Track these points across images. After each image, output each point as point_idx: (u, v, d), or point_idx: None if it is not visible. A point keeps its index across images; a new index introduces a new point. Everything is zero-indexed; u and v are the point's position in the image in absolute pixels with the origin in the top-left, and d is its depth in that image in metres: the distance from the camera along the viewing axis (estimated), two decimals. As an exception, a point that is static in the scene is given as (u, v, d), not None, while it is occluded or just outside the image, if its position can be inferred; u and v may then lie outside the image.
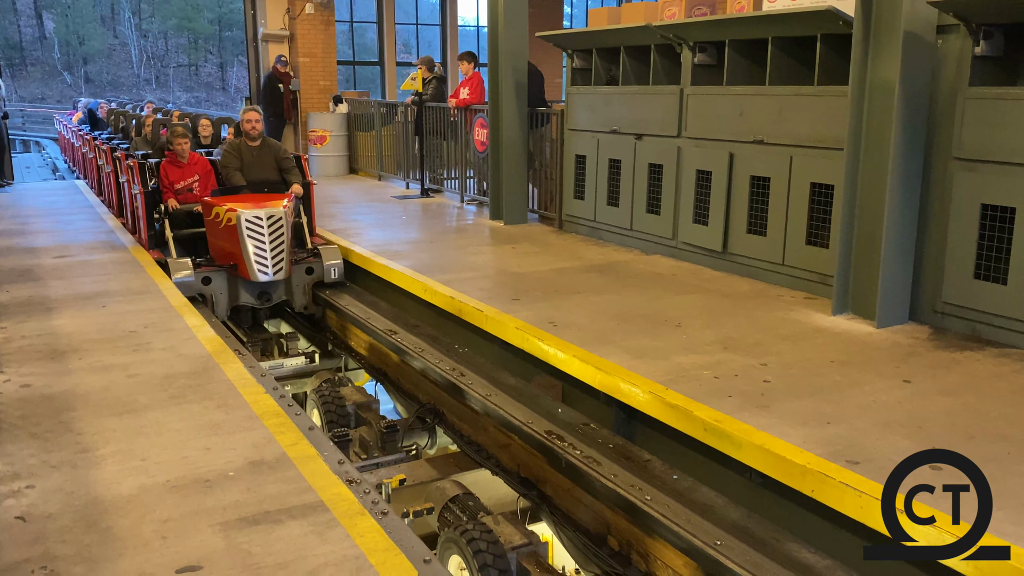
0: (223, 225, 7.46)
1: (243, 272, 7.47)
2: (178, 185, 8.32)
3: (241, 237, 7.31)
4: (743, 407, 4.30)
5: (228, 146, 8.58)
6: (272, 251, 7.41)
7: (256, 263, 7.37)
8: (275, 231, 7.42)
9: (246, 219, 7.30)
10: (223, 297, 7.71)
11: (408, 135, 12.71)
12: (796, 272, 6.60)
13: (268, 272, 7.44)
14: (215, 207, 7.57)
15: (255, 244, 7.34)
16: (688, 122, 7.55)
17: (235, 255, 7.45)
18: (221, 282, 7.67)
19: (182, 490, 3.56)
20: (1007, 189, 5.15)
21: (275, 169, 8.50)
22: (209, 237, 7.87)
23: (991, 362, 4.96)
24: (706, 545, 3.76)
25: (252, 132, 8.43)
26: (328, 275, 8.12)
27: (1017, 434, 3.97)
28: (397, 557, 3.08)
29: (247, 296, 7.82)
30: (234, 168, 8.30)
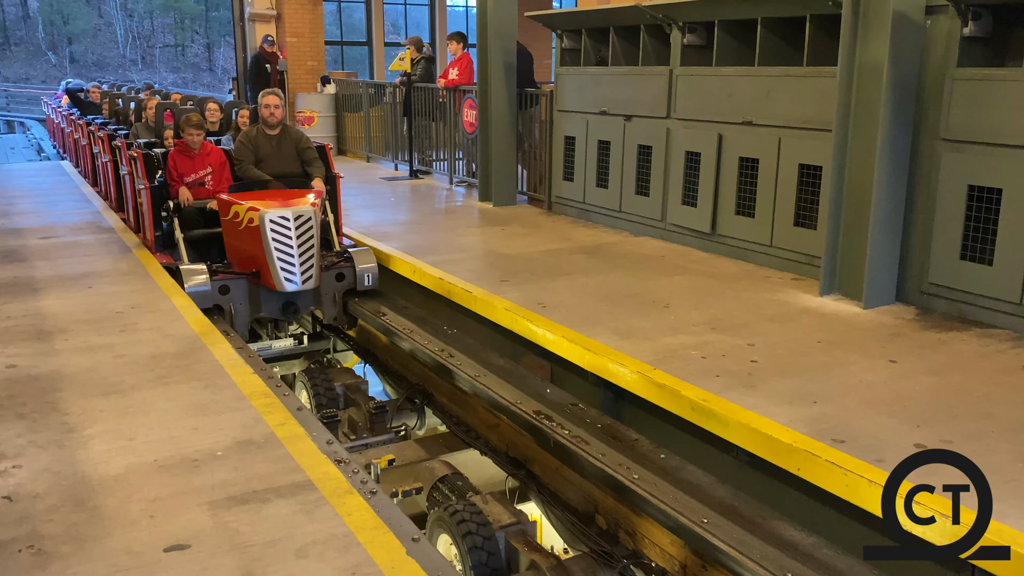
0: (243, 226, 6.48)
1: (267, 281, 6.45)
2: (188, 178, 7.33)
3: (265, 240, 6.30)
4: (730, 387, 4.32)
5: (243, 136, 7.50)
6: (301, 256, 6.36)
7: (282, 270, 6.33)
8: (303, 233, 6.37)
9: (270, 220, 6.27)
10: (243, 309, 6.69)
11: (396, 116, 12.65)
12: (784, 253, 6.62)
13: (296, 281, 6.39)
14: (234, 205, 6.57)
15: (281, 248, 6.33)
16: (677, 103, 7.54)
17: (257, 261, 6.45)
18: (241, 292, 6.65)
19: (170, 469, 3.56)
20: (993, 170, 5.17)
21: (296, 161, 7.52)
22: (226, 239, 6.83)
23: (976, 342, 5.00)
24: (693, 523, 3.79)
25: (271, 119, 7.38)
26: (361, 282, 7.03)
27: (1000, 413, 4.01)
28: (385, 535, 3.09)
29: (270, 308, 6.77)
30: (250, 161, 7.34)
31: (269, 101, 7.41)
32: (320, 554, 2.95)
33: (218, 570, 2.85)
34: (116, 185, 9.41)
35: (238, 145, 7.46)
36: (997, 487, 3.30)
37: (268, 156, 7.36)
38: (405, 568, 2.88)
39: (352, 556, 2.94)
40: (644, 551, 4.29)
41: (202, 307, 6.04)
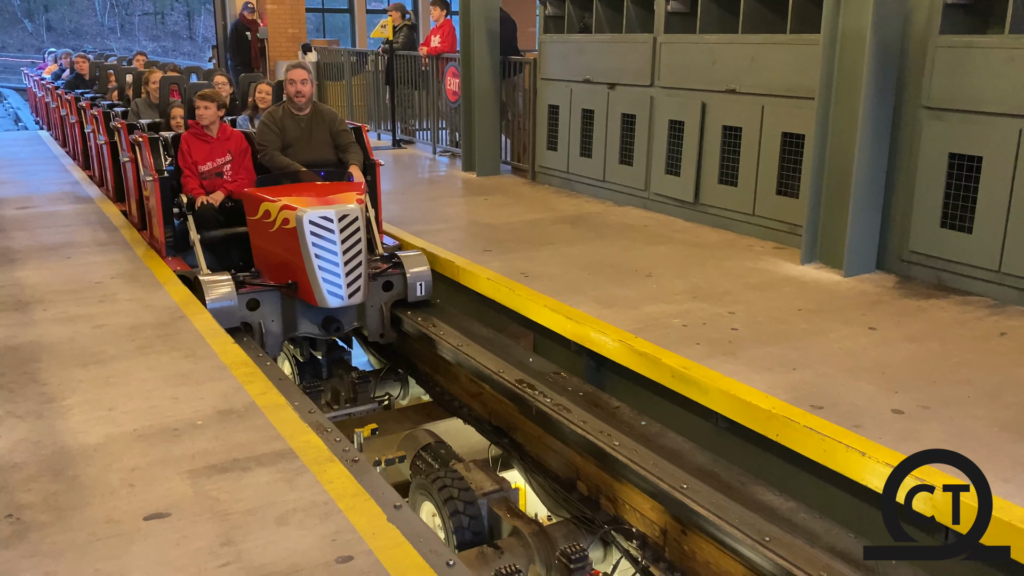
0: (276, 228, 5.39)
1: (305, 294, 5.39)
2: (204, 167, 6.17)
3: (304, 246, 5.20)
4: (710, 354, 4.34)
5: (267, 117, 6.31)
6: (346, 265, 5.30)
7: (324, 282, 5.26)
8: (349, 237, 5.29)
9: (310, 221, 5.17)
10: (275, 327, 5.64)
11: (379, 85, 12.52)
12: (766, 222, 6.63)
13: (341, 294, 5.31)
14: (264, 203, 5.48)
15: (323, 256, 5.24)
16: (661, 71, 7.49)
17: (294, 270, 5.37)
18: (273, 306, 5.61)
19: (150, 439, 3.54)
20: (974, 138, 5.18)
21: (329, 146, 6.39)
22: (255, 243, 5.76)
23: (955, 309, 5.04)
24: (673, 489, 3.82)
25: (298, 98, 6.22)
26: (413, 291, 6.00)
27: (978, 379, 4.05)
28: (367, 502, 3.10)
29: (308, 325, 5.77)
30: (276, 147, 6.20)
31: (295, 76, 6.24)
32: (301, 521, 2.96)
33: (198, 538, 2.85)
34: (114, 172, 8.29)
35: (262, 128, 6.30)
36: (974, 451, 3.35)
37: (296, 141, 6.24)
38: (386, 534, 2.89)
39: (333, 523, 2.95)
40: (625, 517, 4.32)
41: (227, 326, 5.07)
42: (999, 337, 4.60)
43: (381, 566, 2.71)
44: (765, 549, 3.39)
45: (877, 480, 3.28)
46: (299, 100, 6.23)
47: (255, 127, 6.83)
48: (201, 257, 5.83)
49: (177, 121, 7.14)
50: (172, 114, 7.25)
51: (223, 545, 2.82)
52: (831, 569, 3.24)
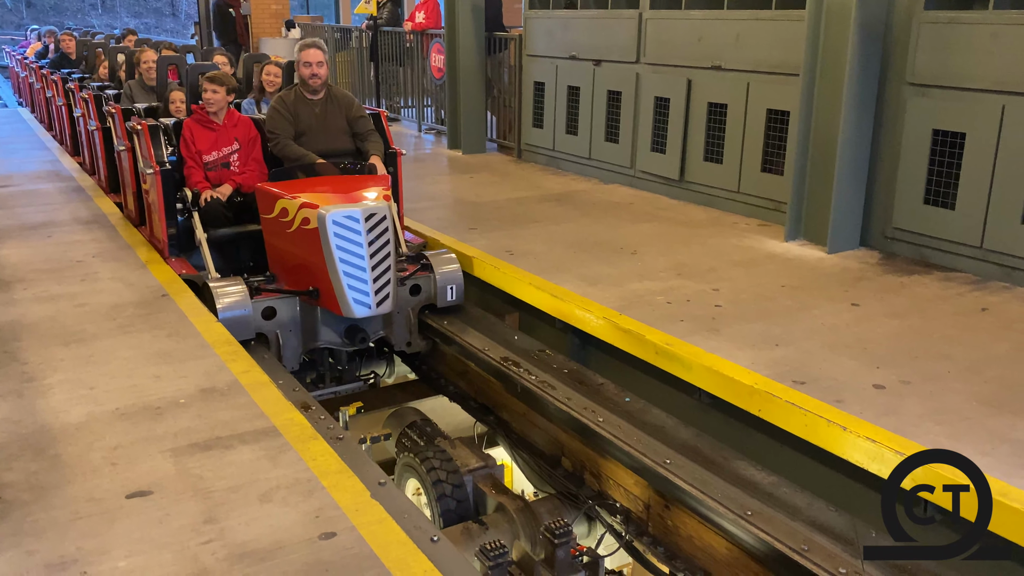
0: (295, 229, 4.86)
1: (328, 302, 4.87)
2: (209, 156, 5.58)
3: (327, 249, 4.67)
4: (694, 331, 4.36)
5: (278, 103, 5.70)
6: (374, 270, 4.77)
7: (350, 289, 4.73)
8: (377, 239, 4.76)
9: (334, 221, 4.64)
10: (294, 337, 5.11)
11: (363, 61, 12.42)
12: (751, 199, 6.63)
13: (369, 303, 4.79)
14: (280, 200, 4.94)
15: (348, 260, 4.71)
16: (647, 47, 7.46)
17: (315, 275, 4.85)
18: (291, 314, 5.08)
19: (132, 417, 3.53)
20: (958, 115, 5.18)
21: (346, 134, 5.83)
22: (269, 243, 5.20)
23: (937, 285, 5.06)
24: (656, 464, 3.84)
25: (312, 81, 5.66)
26: (443, 296, 5.47)
27: (958, 354, 4.08)
28: (350, 479, 3.10)
29: (330, 335, 5.24)
30: (288, 135, 5.64)
31: (310, 57, 5.63)
32: (284, 498, 2.96)
33: (180, 515, 2.85)
34: (107, 161, 7.57)
35: (272, 115, 5.69)
36: (954, 425, 3.40)
37: (310, 129, 5.69)
38: (369, 511, 2.90)
39: (316, 500, 2.95)
40: (609, 492, 4.35)
41: (241, 338, 4.57)
42: (980, 313, 4.63)
43: (364, 542, 2.72)
44: (747, 523, 3.41)
45: (858, 454, 3.31)
46: (314, 82, 5.65)
47: (261, 112, 6.35)
48: (209, 259, 5.28)
49: (177, 106, 6.48)
50: (171, 98, 6.57)
51: (206, 522, 2.81)
52: (812, 542, 3.27)
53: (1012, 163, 4.92)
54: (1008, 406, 3.56)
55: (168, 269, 5.47)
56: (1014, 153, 4.90)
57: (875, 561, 3.14)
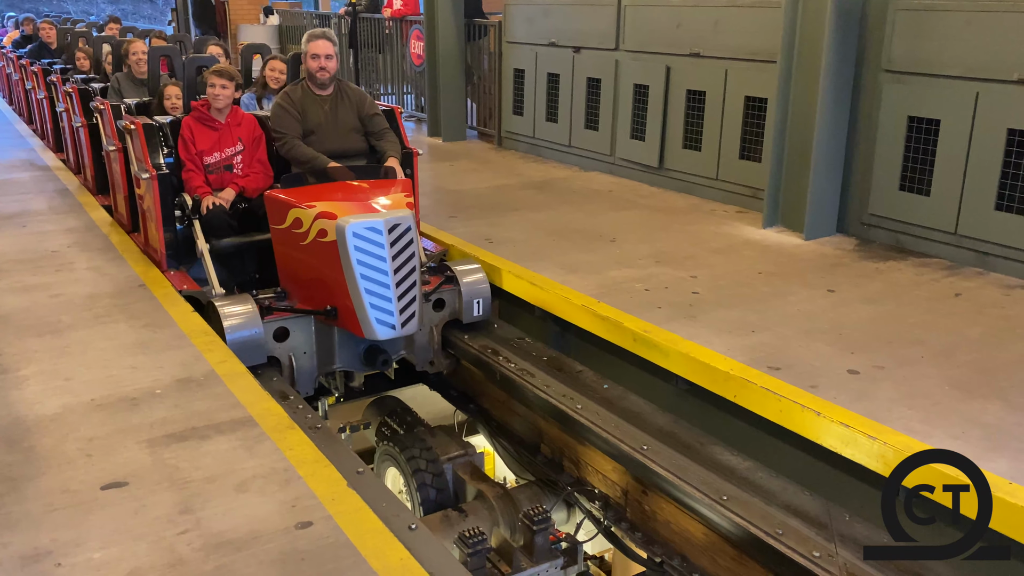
0: (310, 241, 4.39)
1: (348, 323, 4.45)
2: (210, 158, 5.13)
3: (347, 264, 4.23)
4: (672, 318, 4.38)
5: (284, 99, 5.20)
6: (399, 287, 4.32)
7: (372, 308, 4.28)
8: (401, 252, 4.32)
9: (355, 233, 4.19)
10: (308, 361, 4.71)
11: (342, 48, 12.32)
12: (730, 187, 6.66)
13: (393, 323, 4.34)
14: (292, 209, 4.46)
15: (371, 276, 4.26)
16: (626, 34, 7.45)
17: (332, 292, 4.41)
18: (305, 335, 4.66)
19: (107, 408, 3.51)
20: (933, 101, 5.22)
21: (358, 133, 5.35)
22: (281, 257, 4.73)
23: (912, 271, 5.11)
24: (633, 451, 3.87)
25: (321, 75, 5.18)
26: (469, 312, 5.05)
27: (932, 339, 4.13)
28: (327, 468, 3.10)
29: (348, 358, 4.82)
30: (296, 134, 5.15)
31: (318, 48, 5.16)
32: (260, 488, 2.96)
33: (156, 506, 2.84)
34: (94, 160, 7.04)
35: (278, 112, 5.19)
36: (926, 410, 3.44)
37: (320, 127, 5.22)
38: (346, 500, 2.90)
39: (293, 489, 2.95)
40: (587, 478, 4.38)
41: (250, 363, 4.19)
42: (954, 298, 4.68)
43: (340, 531, 2.72)
44: (723, 508, 3.45)
45: (832, 439, 3.35)
46: (322, 77, 5.18)
47: (263, 108, 5.93)
48: (212, 272, 4.83)
49: (172, 102, 5.86)
50: (166, 93, 5.92)
51: (182, 513, 2.81)
52: (786, 526, 3.32)
53: (985, 150, 4.96)
54: (979, 390, 3.61)
55: (144, 259, 5.42)
56: (987, 140, 4.95)
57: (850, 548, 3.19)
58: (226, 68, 5.16)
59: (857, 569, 3.09)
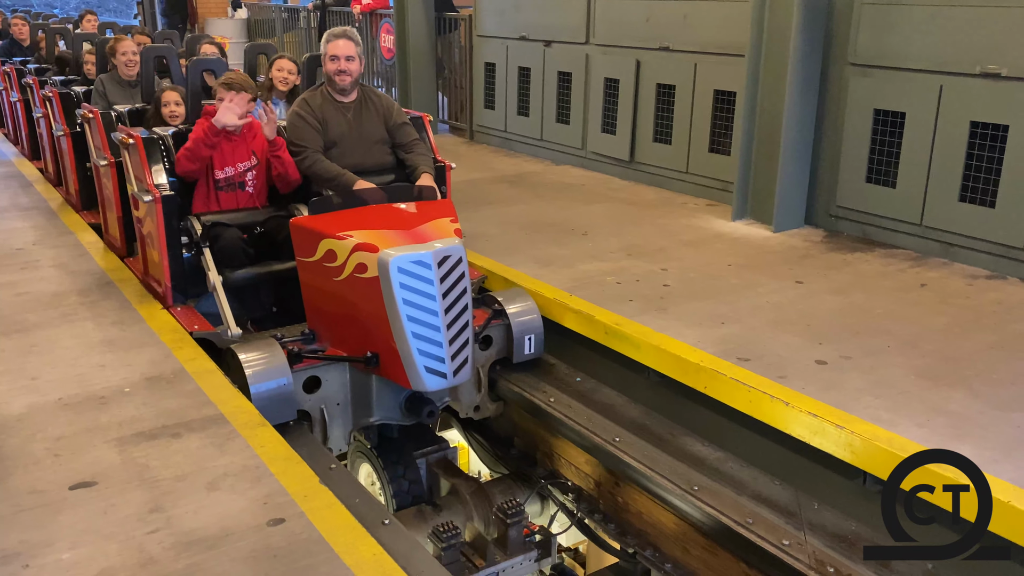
0: (345, 277, 3.81)
1: (391, 371, 3.85)
2: (220, 174, 4.54)
3: (391, 303, 3.66)
4: (643, 310, 4.40)
5: (302, 107, 4.63)
6: (451, 328, 3.76)
7: (422, 356, 3.71)
8: (453, 287, 3.77)
9: (400, 268, 3.63)
10: (342, 414, 4.13)
11: (312, 42, 12.24)
12: (700, 180, 6.70)
13: (445, 370, 3.77)
14: (325, 240, 3.85)
15: (420, 318, 3.69)
16: (596, 28, 7.47)
17: (373, 336, 3.83)
18: (339, 385, 4.08)
19: (75, 408, 3.47)
20: (898, 94, 5.29)
21: (385, 145, 4.77)
22: (310, 294, 4.10)
23: (879, 262, 5.18)
24: (606, 443, 3.90)
25: (341, 80, 4.61)
26: (520, 349, 4.50)
27: (898, 329, 4.19)
28: (298, 465, 3.09)
29: (387, 408, 4.21)
30: (318, 147, 4.58)
31: (338, 49, 4.58)
32: (232, 486, 2.94)
33: (126, 505, 2.82)
34: (78, 173, 6.33)
35: (295, 121, 4.60)
36: (892, 399, 3.49)
37: (343, 139, 4.64)
38: (318, 496, 2.90)
39: (264, 486, 2.94)
40: (561, 471, 4.40)
41: (278, 421, 3.64)
42: (920, 288, 4.76)
43: (313, 527, 2.72)
44: (694, 498, 3.49)
45: (800, 429, 3.39)
46: (343, 82, 4.59)
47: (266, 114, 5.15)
48: (228, 311, 4.19)
49: (172, 109, 5.17)
50: (164, 99, 5.21)
51: (152, 512, 2.79)
52: (756, 516, 3.36)
53: (949, 142, 5.04)
54: (944, 379, 3.67)
55: (111, 255, 5.35)
56: (951, 132, 5.02)
57: (819, 536, 3.23)
58: (238, 78, 4.53)
59: (826, 556, 3.14)
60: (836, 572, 3.07)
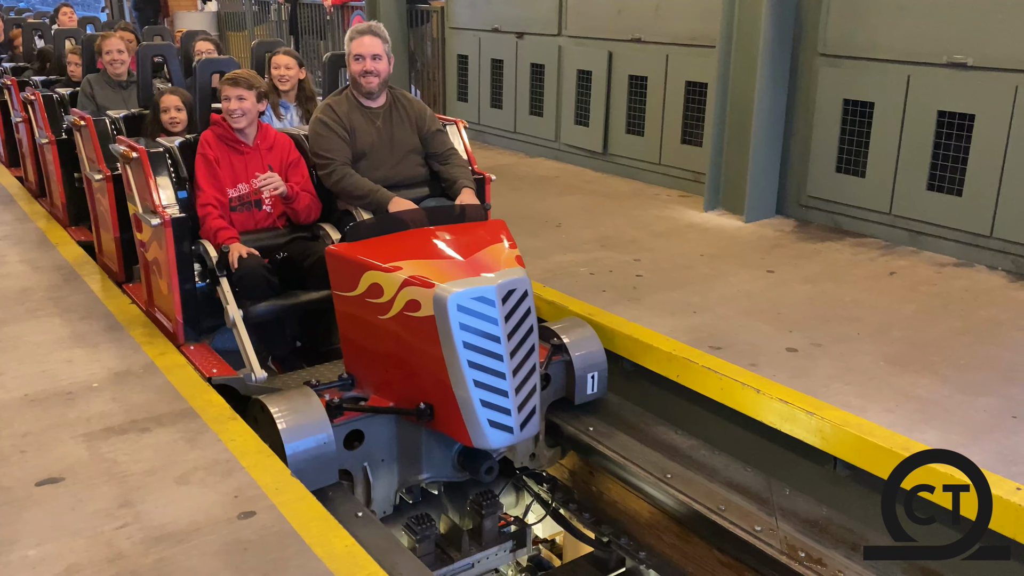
0: (394, 314, 3.31)
1: (448, 425, 3.36)
2: (233, 192, 3.97)
3: (449, 348, 3.18)
4: (616, 301, 4.42)
5: (325, 113, 4.02)
6: (517, 373, 3.27)
7: (484, 408, 3.21)
8: (519, 326, 3.29)
9: (460, 306, 3.15)
10: (388, 470, 3.63)
11: (283, 34, 12.13)
12: (672, 171, 6.73)
13: (511, 424, 3.26)
14: (369, 272, 3.36)
15: (482, 362, 3.20)
16: (568, 20, 7.47)
17: (427, 385, 3.34)
18: (385, 439, 3.56)
19: (42, 404, 3.42)
20: (867, 84, 5.34)
21: (418, 155, 4.18)
22: (350, 333, 3.58)
23: (849, 251, 5.23)
24: (579, 432, 3.90)
25: (368, 82, 3.99)
26: (583, 389, 3.95)
27: (867, 317, 4.24)
28: (270, 458, 3.06)
29: (438, 465, 3.71)
30: (346, 160, 3.97)
31: (363, 47, 3.96)
32: (202, 480, 2.91)
33: (94, 500, 2.78)
34: (65, 187, 5.69)
35: (320, 130, 4.00)
36: (862, 384, 3.53)
37: (372, 149, 4.06)
38: (290, 489, 2.87)
39: (235, 480, 2.91)
40: (535, 462, 4.40)
41: (317, 486, 3.14)
42: (889, 276, 4.81)
43: (284, 520, 2.69)
44: (667, 486, 3.51)
45: (772, 415, 3.42)
46: (369, 85, 4.00)
47: (281, 119, 4.86)
48: (251, 352, 3.65)
49: (172, 115, 4.59)
50: (163, 104, 4.60)
51: (121, 507, 2.75)
52: (729, 502, 3.39)
53: (917, 132, 5.09)
54: (912, 365, 3.71)
55: (78, 249, 5.26)
56: (919, 122, 5.08)
57: (790, 522, 3.26)
58: (243, 75, 3.92)
59: (797, 541, 3.17)
60: (807, 557, 3.10)
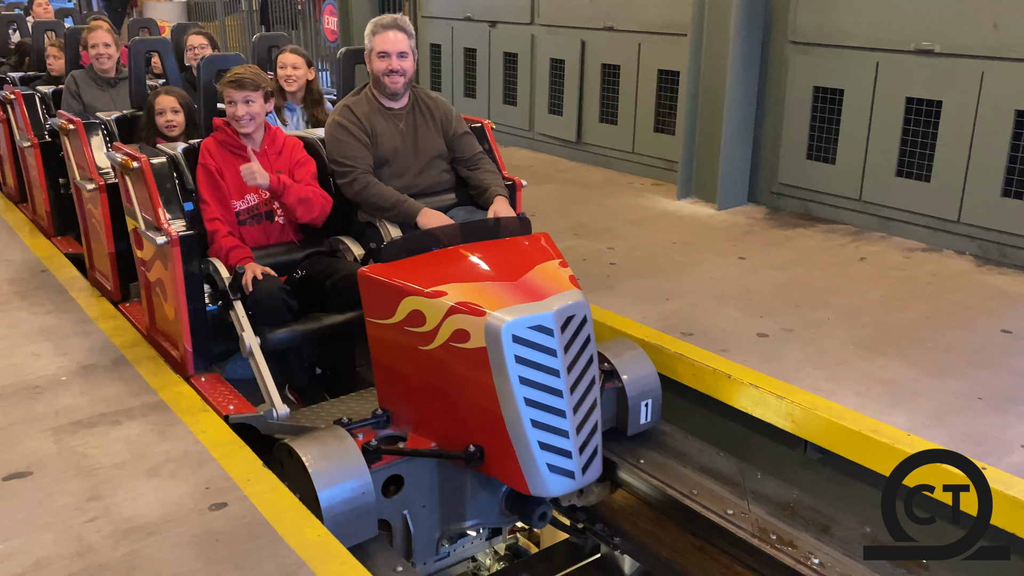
0: (438, 345, 2.94)
1: (501, 470, 2.98)
2: (240, 204, 3.62)
3: (503, 383, 2.83)
4: (589, 289, 4.39)
5: (344, 116, 3.67)
6: (578, 410, 2.92)
7: (542, 452, 2.87)
8: (578, 356, 2.94)
9: (515, 336, 2.80)
10: (430, 517, 3.29)
11: (254, 25, 12.00)
12: (645, 160, 6.75)
13: (572, 468, 2.91)
14: (409, 297, 2.99)
15: (540, 399, 2.85)
16: (540, 8, 7.45)
17: (475, 424, 2.98)
18: (426, 483, 3.22)
19: (9, 398, 3.38)
20: (836, 71, 5.38)
21: (444, 160, 3.84)
22: (385, 364, 3.20)
23: (820, 237, 5.28)
24: (554, 420, 3.89)
25: (393, 82, 3.65)
26: (636, 419, 3.56)
27: (837, 302, 4.28)
28: (241, 450, 3.05)
29: (483, 509, 3.32)
30: (368, 168, 3.62)
31: (386, 43, 3.62)
32: (172, 472, 2.89)
33: (63, 495, 2.75)
34: (50, 197, 5.32)
35: (338, 134, 3.65)
36: (831, 368, 3.57)
37: (396, 155, 3.72)
38: (261, 480, 2.86)
39: (206, 471, 2.89)
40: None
41: (353, 542, 2.78)
42: (859, 262, 4.86)
43: (256, 510, 2.68)
44: (640, 471, 3.52)
45: (743, 400, 3.44)
46: (394, 85, 3.66)
47: (287, 123, 4.48)
48: (272, 385, 3.26)
49: (168, 118, 4.19)
50: (157, 105, 4.19)
51: (90, 500, 2.73)
52: (701, 487, 3.41)
53: (886, 118, 5.14)
54: (881, 349, 3.76)
55: (45, 242, 5.19)
56: (888, 108, 5.12)
57: (762, 505, 3.29)
58: (248, 75, 3.53)
59: (768, 524, 3.20)
60: (779, 539, 3.13)
